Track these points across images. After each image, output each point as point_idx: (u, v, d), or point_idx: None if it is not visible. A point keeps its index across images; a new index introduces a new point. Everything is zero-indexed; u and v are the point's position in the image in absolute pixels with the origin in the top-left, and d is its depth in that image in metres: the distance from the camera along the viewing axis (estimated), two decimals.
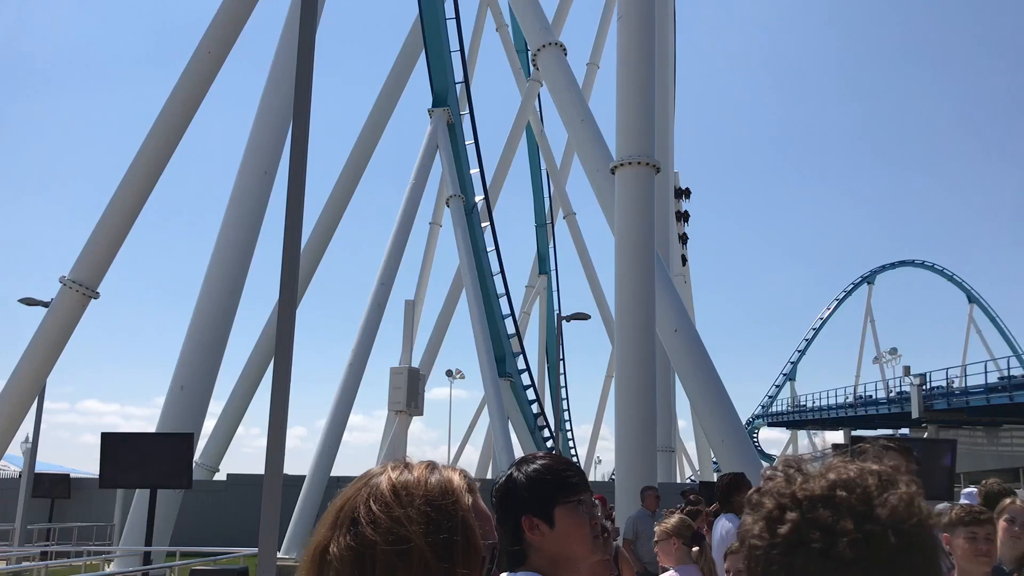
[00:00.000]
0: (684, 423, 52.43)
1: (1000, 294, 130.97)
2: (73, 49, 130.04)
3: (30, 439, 21.35)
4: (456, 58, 28.31)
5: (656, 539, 5.14)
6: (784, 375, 66.18)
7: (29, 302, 20.52)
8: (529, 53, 22.50)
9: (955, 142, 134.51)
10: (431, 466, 1.32)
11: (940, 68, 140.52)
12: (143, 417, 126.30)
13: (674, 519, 5.13)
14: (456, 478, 1.31)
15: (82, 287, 19.55)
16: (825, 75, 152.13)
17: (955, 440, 12.21)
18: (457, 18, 28.27)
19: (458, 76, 28.59)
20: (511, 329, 32.93)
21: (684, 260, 37.07)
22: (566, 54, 18.51)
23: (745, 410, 63.94)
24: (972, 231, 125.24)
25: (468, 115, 29.84)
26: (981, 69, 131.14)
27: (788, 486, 1.04)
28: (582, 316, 25.75)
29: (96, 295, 19.91)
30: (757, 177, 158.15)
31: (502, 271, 31.53)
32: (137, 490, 15.28)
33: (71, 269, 19.72)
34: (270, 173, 17.39)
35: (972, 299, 68.99)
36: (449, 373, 47.94)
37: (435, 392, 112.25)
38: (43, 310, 20.03)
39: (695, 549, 5.13)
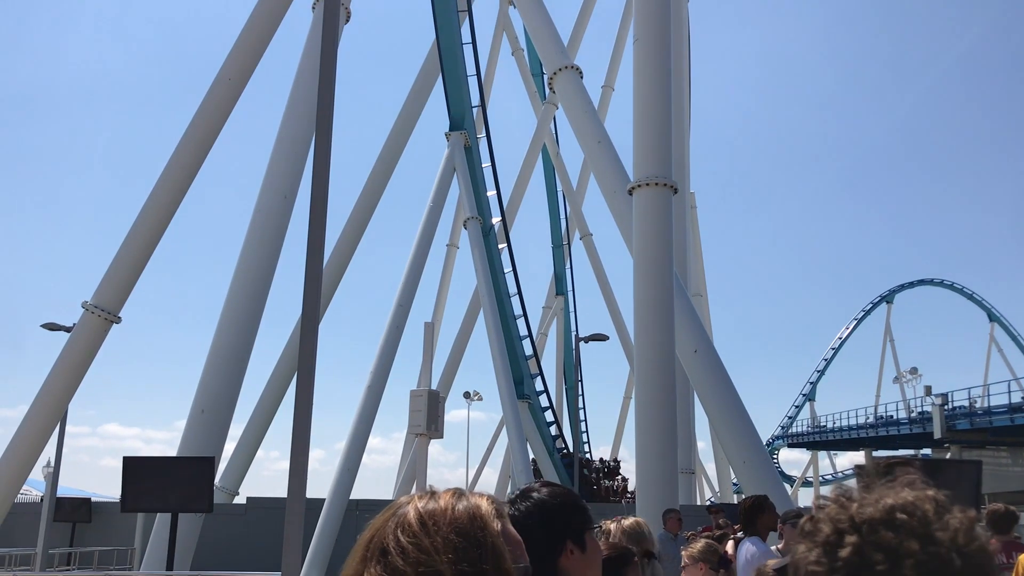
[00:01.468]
0: (703, 444, 52.16)
1: (1021, 312, 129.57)
2: (96, 76, 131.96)
3: (52, 463, 21.46)
4: (473, 82, 28.53)
5: (683, 564, 5.11)
6: (804, 395, 65.69)
7: (52, 327, 20.69)
8: (545, 76, 22.65)
9: (974, 159, 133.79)
10: (458, 493, 1.32)
11: (957, 84, 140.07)
12: (164, 441, 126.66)
13: (700, 544, 5.10)
14: (484, 504, 1.30)
15: (104, 312, 19.66)
16: (841, 92, 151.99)
17: (980, 461, 12.03)
18: (473, 43, 28.51)
19: (475, 100, 28.79)
20: (529, 350, 32.92)
21: None
22: (582, 77, 18.59)
23: (765, 431, 63.52)
24: (992, 249, 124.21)
25: (485, 138, 30.03)
26: (1000, 85, 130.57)
27: (843, 511, 1.03)
28: (600, 337, 25.71)
29: (118, 320, 20.03)
30: (774, 195, 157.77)
31: (519, 292, 31.59)
32: (158, 514, 15.30)
33: (93, 294, 19.84)
34: (290, 197, 17.52)
35: (993, 317, 68.41)
36: (467, 395, 47.91)
37: (453, 414, 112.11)
38: (65, 335, 20.18)
39: (721, 572, 5.10)
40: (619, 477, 37.92)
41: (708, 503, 40.66)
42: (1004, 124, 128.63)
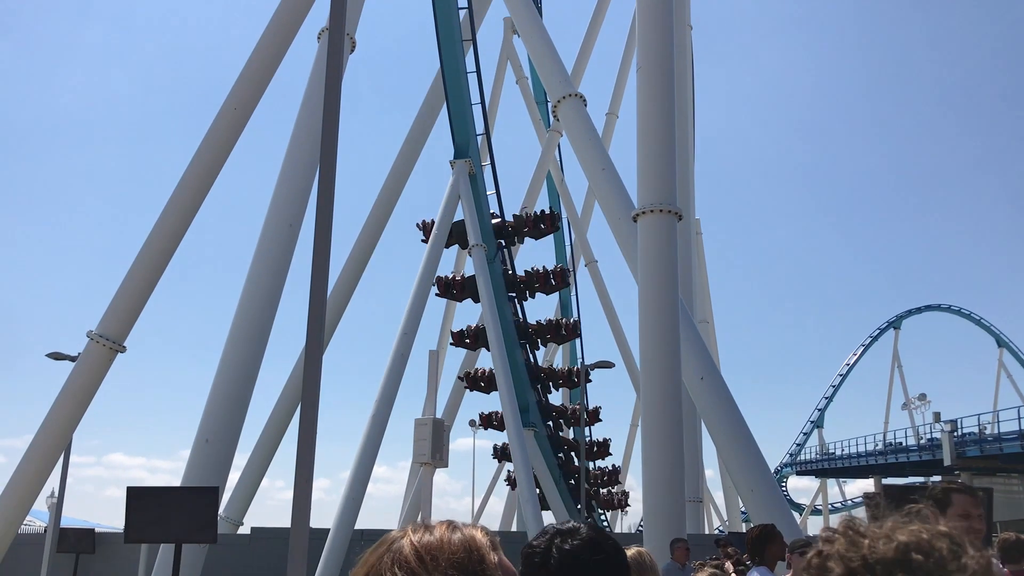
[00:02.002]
0: (711, 472, 51.76)
1: None
2: (102, 104, 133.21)
3: (56, 493, 21.38)
4: (477, 110, 28.69)
5: None
6: (812, 422, 65.29)
7: (57, 356, 20.69)
8: (549, 104, 22.75)
9: (979, 184, 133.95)
10: (452, 525, 1.29)
11: (964, 110, 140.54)
12: (169, 470, 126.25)
13: (706, 573, 5.03)
14: (479, 536, 1.28)
15: (109, 341, 19.66)
16: (847, 118, 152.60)
17: (991, 488, 11.92)
18: (478, 71, 28.71)
19: (479, 128, 28.93)
20: None
21: None
22: (586, 105, 18.68)
23: (773, 458, 62.99)
24: (999, 274, 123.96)
25: (489, 166, 30.14)
26: (1007, 112, 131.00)
27: (854, 549, 0.99)
28: (606, 364, 25.64)
29: (123, 349, 20.01)
30: (780, 222, 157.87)
31: (525, 319, 31.52)
32: (162, 545, 15.20)
33: (98, 323, 19.84)
34: (295, 226, 17.57)
35: (1001, 343, 68.12)
36: (472, 423, 47.67)
37: (459, 443, 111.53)
38: (70, 364, 20.17)
39: None
40: (628, 509, 37.60)
41: (717, 531, 40.32)
42: (1008, 148, 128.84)
